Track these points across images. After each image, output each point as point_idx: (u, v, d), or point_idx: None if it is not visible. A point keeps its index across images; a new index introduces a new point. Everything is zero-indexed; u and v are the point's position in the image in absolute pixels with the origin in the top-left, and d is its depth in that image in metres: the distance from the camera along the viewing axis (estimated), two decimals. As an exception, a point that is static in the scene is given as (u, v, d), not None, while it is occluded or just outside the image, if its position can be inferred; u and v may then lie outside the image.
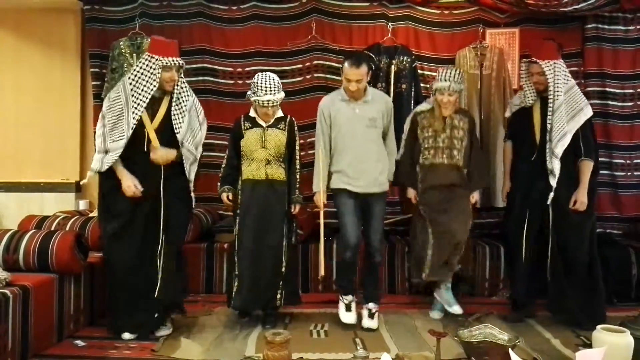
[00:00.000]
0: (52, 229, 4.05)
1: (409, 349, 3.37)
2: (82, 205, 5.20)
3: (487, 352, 2.99)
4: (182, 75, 3.69)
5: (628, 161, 5.32)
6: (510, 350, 2.80)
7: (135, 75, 3.52)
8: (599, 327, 3.03)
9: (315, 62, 5.32)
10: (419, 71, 5.22)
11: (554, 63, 3.80)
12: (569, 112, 3.77)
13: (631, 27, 5.25)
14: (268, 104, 3.77)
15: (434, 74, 5.23)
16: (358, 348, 3.37)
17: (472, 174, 4.06)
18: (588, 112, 3.81)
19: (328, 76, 5.32)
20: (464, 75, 4.09)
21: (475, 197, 4.07)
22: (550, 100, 3.79)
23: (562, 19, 5.18)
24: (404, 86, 5.03)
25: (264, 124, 3.86)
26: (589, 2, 4.85)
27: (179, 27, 5.31)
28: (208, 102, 5.34)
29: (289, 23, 5.34)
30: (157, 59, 3.52)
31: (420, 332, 3.77)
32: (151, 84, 3.53)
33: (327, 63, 5.32)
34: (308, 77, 5.36)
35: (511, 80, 5.11)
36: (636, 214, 5.25)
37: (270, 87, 3.77)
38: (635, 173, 5.31)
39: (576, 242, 3.83)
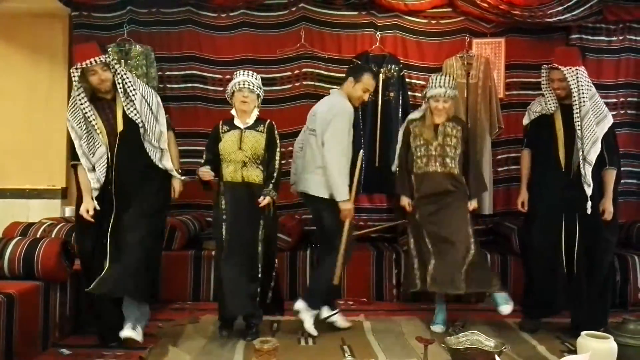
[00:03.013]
0: (38, 236, 4.01)
1: (397, 356, 3.38)
2: (68, 212, 5.15)
3: (473, 358, 3.01)
4: (120, 70, 3.54)
5: (611, 169, 5.38)
6: (496, 357, 2.83)
7: (77, 89, 3.44)
8: (583, 333, 3.07)
9: (304, 69, 5.35)
10: (407, 80, 5.26)
11: (577, 69, 3.72)
12: (596, 119, 3.73)
13: (614, 38, 5.35)
14: (244, 84, 3.73)
15: (421, 82, 5.30)
16: (346, 355, 3.37)
17: (470, 182, 4.00)
18: (610, 120, 3.80)
19: (317, 84, 5.35)
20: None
21: (473, 204, 4.02)
22: (577, 107, 3.72)
23: (547, 30, 5.26)
24: (391, 94, 5.07)
25: (241, 126, 3.80)
26: (573, 14, 4.95)
27: (167, 33, 5.32)
28: (196, 109, 5.35)
29: (278, 31, 5.36)
30: (74, 68, 3.43)
31: (407, 339, 3.78)
32: (81, 92, 3.44)
33: (316, 71, 5.34)
34: (297, 84, 5.38)
35: (497, 89, 5.17)
36: (620, 222, 5.30)
37: (247, 73, 3.81)
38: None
39: (603, 252, 3.82)
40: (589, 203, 3.69)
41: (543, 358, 3.45)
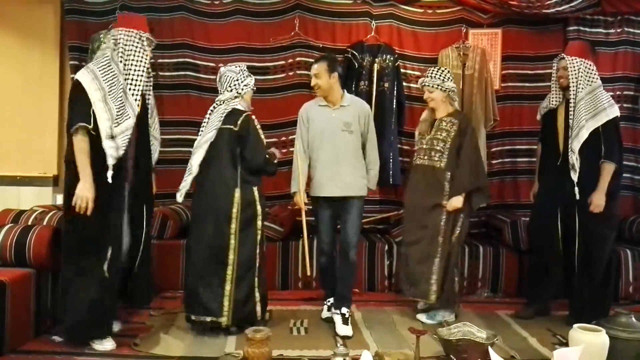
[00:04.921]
0: (29, 223, 3.96)
1: (389, 347, 3.38)
2: (60, 199, 5.11)
3: (465, 350, 3.02)
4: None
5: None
6: (489, 348, 2.83)
7: (125, 53, 3.33)
8: (575, 326, 3.08)
9: (298, 59, 5.29)
10: (402, 70, 5.22)
11: (581, 61, 3.85)
12: (590, 111, 3.80)
13: (612, 30, 5.31)
14: None
15: (416, 73, 5.28)
16: (338, 345, 3.35)
17: (454, 177, 3.91)
18: (611, 113, 3.82)
19: (311, 73, 5.28)
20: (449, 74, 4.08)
21: (453, 203, 3.87)
22: (572, 98, 3.85)
23: (544, 21, 5.22)
24: (386, 85, 5.03)
25: None
26: (571, 5, 4.91)
27: (159, 20, 5.23)
28: (189, 97, 5.30)
29: (272, 19, 5.29)
30: (141, 34, 3.40)
31: (399, 329, 3.79)
32: (145, 58, 3.39)
33: (310, 60, 5.18)
34: (290, 73, 5.32)
35: (493, 80, 5.15)
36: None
37: None
38: (612, 175, 5.38)
39: (597, 245, 3.87)
40: (576, 189, 3.80)
41: (534, 350, 3.46)
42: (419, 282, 3.95)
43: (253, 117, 3.68)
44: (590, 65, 3.88)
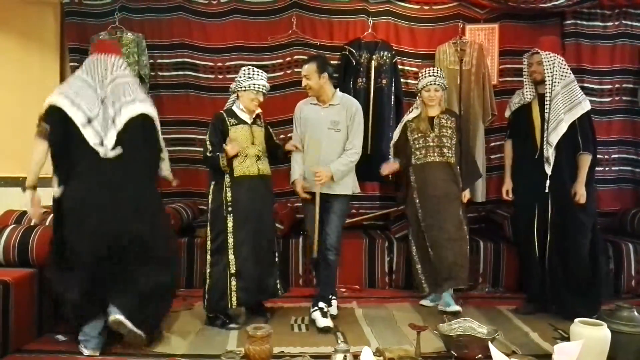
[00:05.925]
0: (32, 224, 4.00)
1: (390, 343, 3.39)
2: (62, 200, 5.13)
3: (466, 345, 3.03)
4: None
5: (606, 156, 5.40)
6: (489, 343, 2.84)
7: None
8: (576, 320, 3.07)
9: (295, 57, 5.30)
10: (399, 66, 5.22)
11: (555, 56, 3.91)
12: (566, 104, 3.85)
13: (609, 24, 5.31)
14: (263, 88, 3.80)
15: (414, 69, 5.28)
16: (339, 342, 3.39)
17: (463, 171, 4.15)
18: (585, 107, 3.89)
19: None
20: (444, 71, 4.16)
21: (467, 195, 4.20)
22: (548, 92, 3.88)
23: (541, 15, 5.23)
24: (384, 81, 5.04)
25: (249, 121, 3.81)
26: (567, -2, 4.91)
27: (158, 21, 5.27)
28: (188, 96, 5.32)
29: (270, 17, 5.31)
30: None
31: (400, 326, 3.80)
32: None
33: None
34: (288, 72, 5.34)
35: (490, 75, 5.15)
36: (613, 209, 5.33)
37: (263, 75, 3.83)
38: (612, 168, 5.39)
39: (576, 237, 3.89)
40: (548, 182, 3.87)
41: (536, 345, 3.46)
42: (459, 271, 4.06)
43: (216, 116, 3.82)
44: (563, 60, 3.96)
